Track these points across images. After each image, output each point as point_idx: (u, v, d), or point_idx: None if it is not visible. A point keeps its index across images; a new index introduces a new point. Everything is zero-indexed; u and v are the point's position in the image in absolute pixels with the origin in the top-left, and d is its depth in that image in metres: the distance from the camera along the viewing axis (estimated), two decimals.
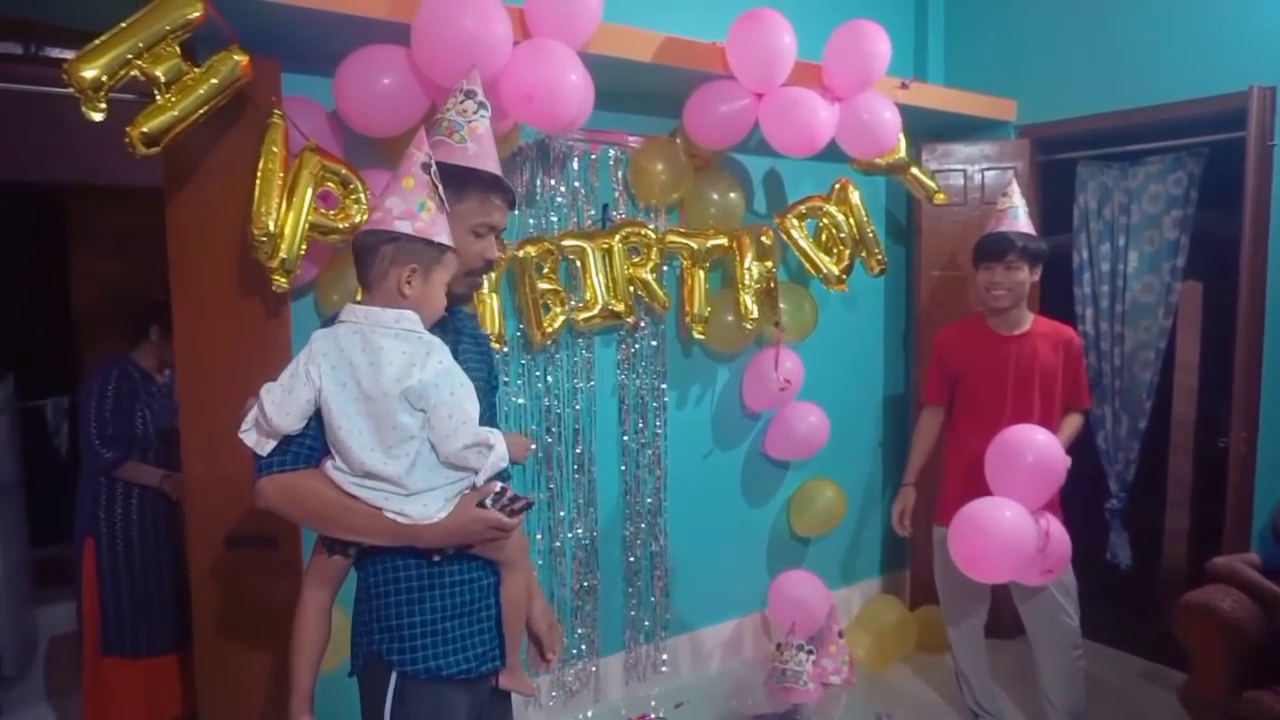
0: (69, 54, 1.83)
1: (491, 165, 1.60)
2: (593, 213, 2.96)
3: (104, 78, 1.81)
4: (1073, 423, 2.70)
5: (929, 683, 3.34)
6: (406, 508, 1.44)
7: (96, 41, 1.82)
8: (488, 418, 1.61)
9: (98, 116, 1.84)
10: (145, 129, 1.87)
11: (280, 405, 1.43)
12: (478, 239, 1.59)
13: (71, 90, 1.81)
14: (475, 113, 1.60)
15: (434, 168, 1.48)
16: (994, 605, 2.88)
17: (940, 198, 3.31)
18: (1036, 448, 2.45)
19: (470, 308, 1.52)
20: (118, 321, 4.11)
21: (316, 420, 1.46)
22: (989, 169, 3.57)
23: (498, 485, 1.50)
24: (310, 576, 1.57)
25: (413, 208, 1.46)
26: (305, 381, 1.43)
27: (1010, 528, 2.39)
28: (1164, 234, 3.26)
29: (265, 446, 1.45)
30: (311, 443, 1.47)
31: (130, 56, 1.84)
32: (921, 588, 3.79)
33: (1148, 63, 3.21)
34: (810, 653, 2.81)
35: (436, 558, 1.51)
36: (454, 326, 1.64)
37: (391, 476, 1.43)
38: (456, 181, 1.52)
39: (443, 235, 1.49)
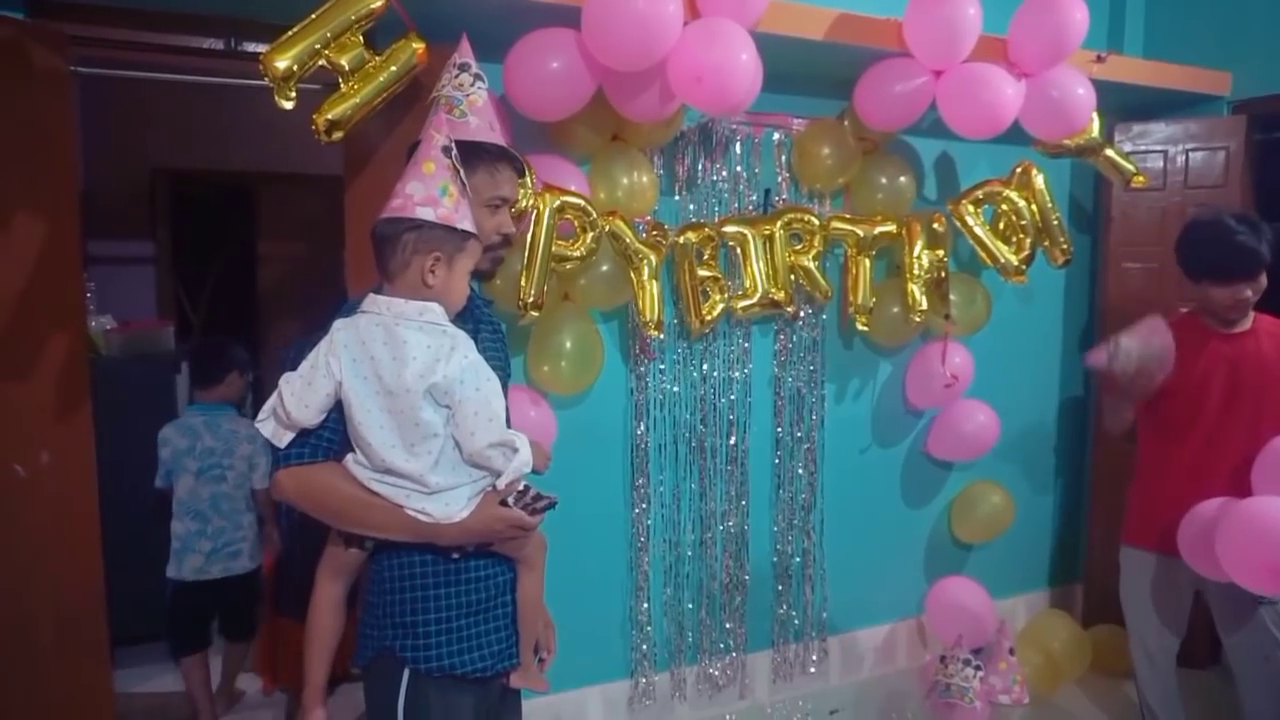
0: (263, 48, 1.91)
1: (494, 137, 1.57)
2: (754, 198, 2.88)
3: (295, 68, 1.89)
4: None
5: (1104, 709, 3.08)
6: (429, 506, 1.40)
7: (288, 33, 1.90)
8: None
9: (288, 105, 1.93)
10: (330, 116, 1.95)
11: (299, 398, 1.39)
12: (493, 213, 1.56)
13: (265, 81, 1.90)
14: (472, 85, 1.57)
15: (455, 151, 1.44)
16: (1188, 631, 2.60)
17: (1140, 180, 3.03)
18: None
19: (488, 291, 1.49)
20: (301, 304, 4.38)
21: (337, 412, 1.42)
22: (1195, 149, 3.22)
23: (521, 484, 1.45)
24: (325, 568, 1.54)
25: (435, 193, 1.41)
26: (325, 374, 1.39)
27: None
28: None
29: (283, 438, 1.42)
30: (330, 435, 1.44)
31: (319, 46, 1.91)
32: (1096, 604, 3.51)
33: None
34: (978, 668, 2.64)
35: (456, 555, 1.48)
36: (472, 315, 1.58)
37: (413, 474, 1.39)
38: (462, 157, 1.47)
39: (466, 222, 1.44)
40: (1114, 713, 3.06)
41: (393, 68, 2.02)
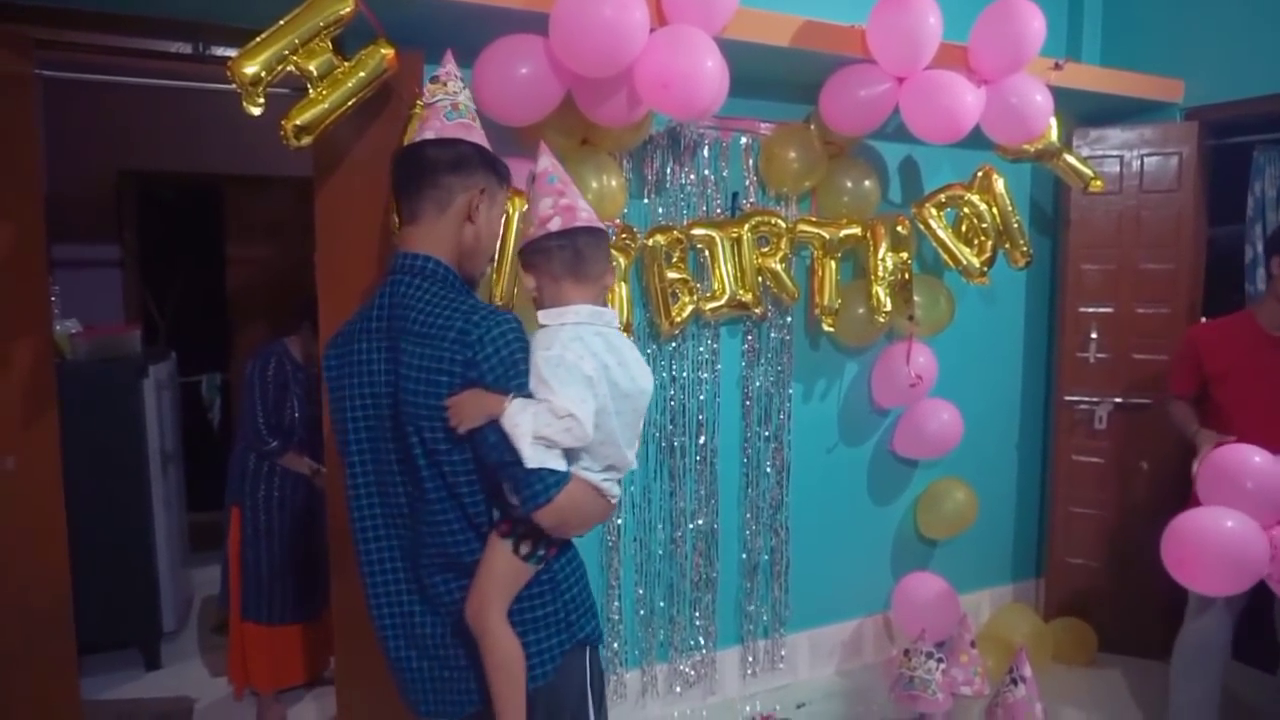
0: (232, 52, 1.92)
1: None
2: (722, 201, 2.92)
3: (263, 73, 1.90)
4: None
5: (1064, 698, 3.15)
6: (616, 489, 1.48)
7: (256, 39, 1.91)
8: None
9: (256, 111, 1.93)
10: (299, 121, 1.96)
11: (589, 418, 1.35)
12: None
13: (234, 86, 1.91)
14: (471, 98, 1.60)
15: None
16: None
17: (1097, 185, 3.10)
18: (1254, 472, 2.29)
19: None
20: (269, 307, 4.34)
21: None
22: (1149, 155, 3.31)
23: None
24: (501, 599, 1.40)
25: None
26: (589, 387, 1.36)
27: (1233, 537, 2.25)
28: None
29: (560, 461, 1.36)
30: None
31: (287, 52, 1.92)
32: (1057, 598, 3.59)
33: None
34: (940, 661, 2.69)
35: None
36: None
37: (631, 466, 1.49)
38: (495, 165, 1.51)
39: None
40: (1073, 701, 3.14)
41: (361, 74, 2.03)
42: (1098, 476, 3.46)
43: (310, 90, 2.00)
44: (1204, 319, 3.40)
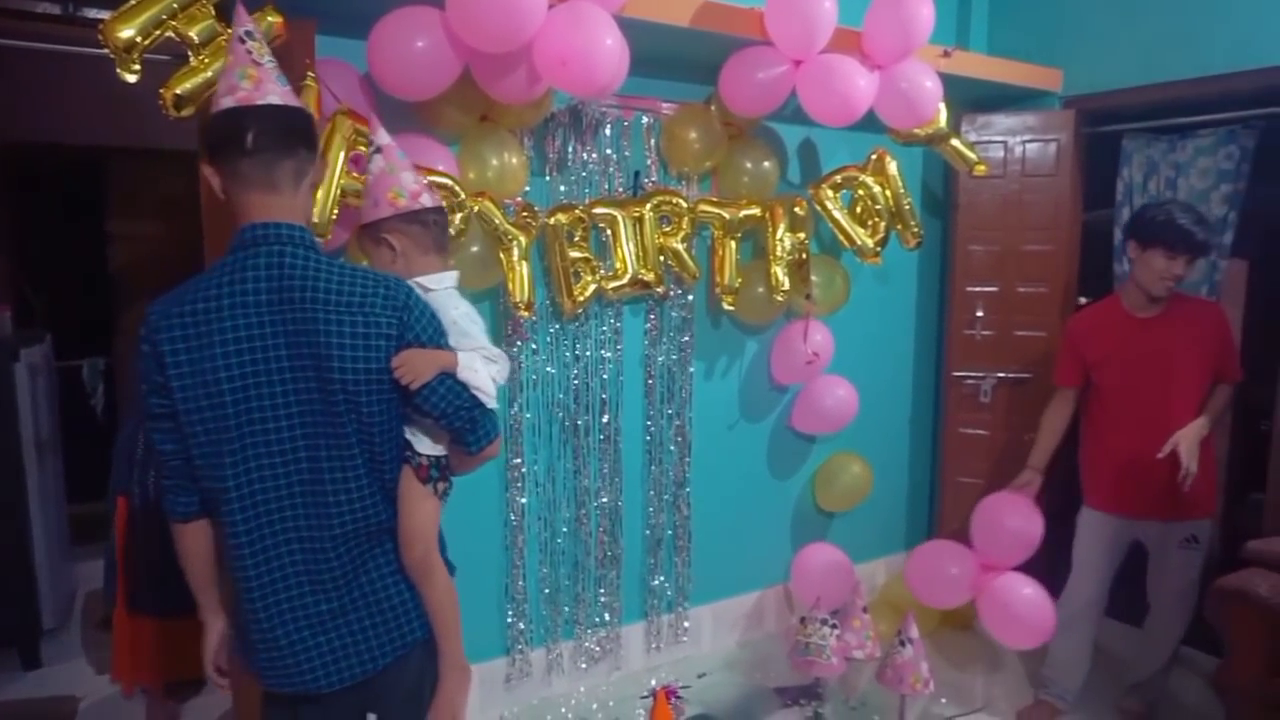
0: (105, 15, 1.82)
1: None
2: (624, 180, 2.93)
3: (138, 38, 1.82)
4: (1221, 395, 2.68)
5: (949, 658, 3.33)
6: None
7: (132, 2, 1.81)
8: None
9: (131, 78, 1.85)
10: (178, 90, 1.88)
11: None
12: None
13: (108, 51, 1.81)
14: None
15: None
16: None
17: (981, 169, 3.24)
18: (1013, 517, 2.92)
19: None
20: (157, 285, 4.12)
21: None
22: (1031, 141, 3.47)
23: None
24: (435, 534, 1.56)
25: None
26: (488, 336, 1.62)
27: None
28: (1212, 210, 3.16)
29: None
30: None
31: (165, 17, 1.84)
32: None
33: (1201, 32, 3.09)
34: (834, 627, 2.80)
35: None
36: None
37: None
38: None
39: None
40: (957, 659, 3.31)
41: None
42: (983, 448, 3.64)
43: (191, 58, 1.91)
44: (1081, 299, 3.61)
